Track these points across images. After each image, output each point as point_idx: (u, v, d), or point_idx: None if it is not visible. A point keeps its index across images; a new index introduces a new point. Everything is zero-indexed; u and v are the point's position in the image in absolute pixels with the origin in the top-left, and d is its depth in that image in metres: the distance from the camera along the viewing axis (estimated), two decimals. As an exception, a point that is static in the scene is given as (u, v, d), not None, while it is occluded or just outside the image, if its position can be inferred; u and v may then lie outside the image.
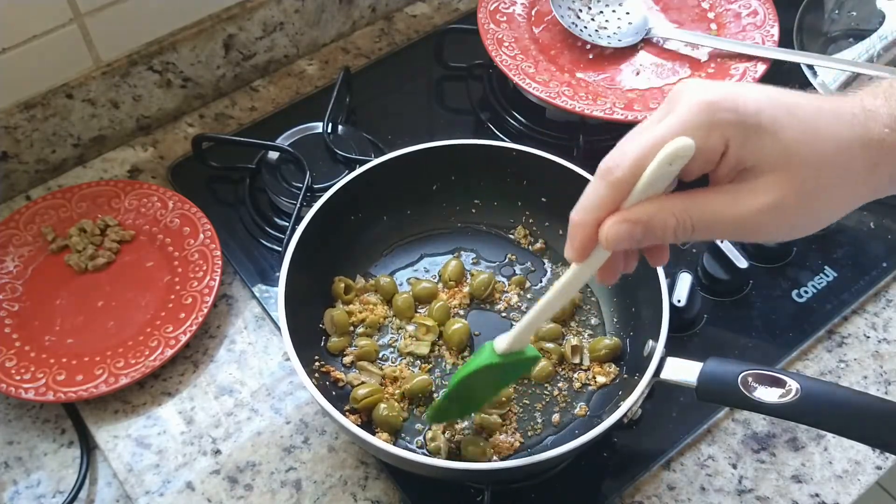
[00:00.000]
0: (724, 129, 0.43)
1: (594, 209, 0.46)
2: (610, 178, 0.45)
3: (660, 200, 0.45)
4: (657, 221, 0.45)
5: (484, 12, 0.91)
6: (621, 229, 0.45)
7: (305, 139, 0.86)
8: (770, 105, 0.44)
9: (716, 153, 0.44)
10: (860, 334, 0.77)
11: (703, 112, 0.43)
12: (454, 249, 0.79)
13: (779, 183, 0.44)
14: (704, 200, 0.45)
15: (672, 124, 0.44)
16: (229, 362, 0.75)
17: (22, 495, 0.69)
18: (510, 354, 0.58)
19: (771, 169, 0.44)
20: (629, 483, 0.68)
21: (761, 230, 0.46)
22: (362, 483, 0.68)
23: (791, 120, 0.44)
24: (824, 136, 0.44)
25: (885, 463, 0.69)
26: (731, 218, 0.45)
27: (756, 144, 0.43)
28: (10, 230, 0.81)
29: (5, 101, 0.81)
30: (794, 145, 0.44)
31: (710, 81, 0.46)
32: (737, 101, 0.43)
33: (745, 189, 0.45)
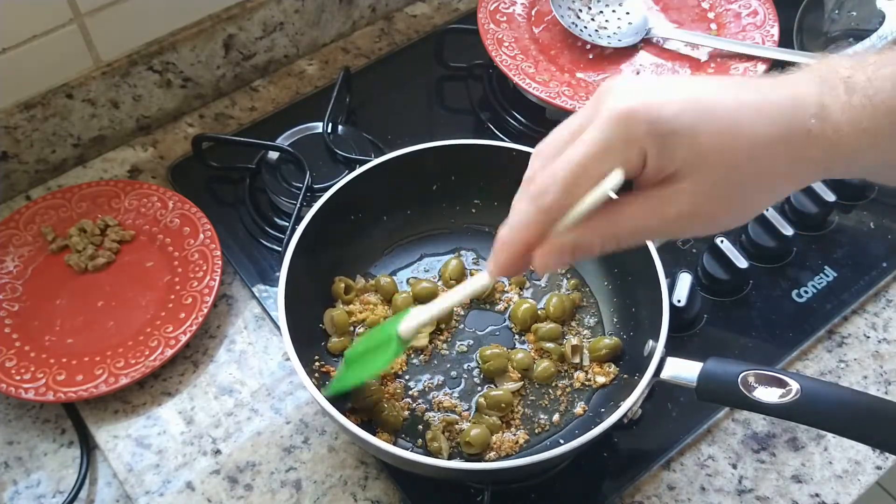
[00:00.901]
0: (642, 142, 0.43)
1: (523, 230, 0.47)
2: (540, 202, 0.46)
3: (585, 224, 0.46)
4: (584, 245, 0.47)
5: (484, 12, 0.91)
6: (551, 259, 0.47)
7: (305, 139, 0.86)
8: (689, 108, 0.44)
9: (636, 166, 0.44)
10: (860, 334, 0.77)
11: (621, 126, 0.43)
12: (454, 249, 0.79)
13: (694, 187, 0.44)
14: (627, 214, 0.46)
15: (594, 142, 0.44)
16: (229, 362, 0.75)
17: (22, 495, 0.69)
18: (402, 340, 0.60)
19: (688, 173, 0.44)
20: (629, 483, 0.68)
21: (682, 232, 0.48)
22: (362, 483, 0.68)
23: (708, 123, 0.44)
24: (740, 135, 0.44)
25: (885, 463, 0.69)
26: (653, 226, 0.46)
27: (672, 151, 0.44)
28: (10, 230, 0.81)
29: (5, 101, 0.81)
30: (709, 148, 0.44)
31: (634, 82, 0.46)
32: (652, 109, 0.43)
33: (664, 195, 0.45)
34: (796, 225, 0.80)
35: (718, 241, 0.77)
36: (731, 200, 0.45)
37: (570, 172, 0.45)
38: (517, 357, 0.71)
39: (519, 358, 0.71)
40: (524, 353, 0.71)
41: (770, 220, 0.78)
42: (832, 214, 0.83)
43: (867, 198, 0.84)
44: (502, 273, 0.50)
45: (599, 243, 0.47)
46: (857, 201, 0.84)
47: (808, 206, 0.81)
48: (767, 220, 0.79)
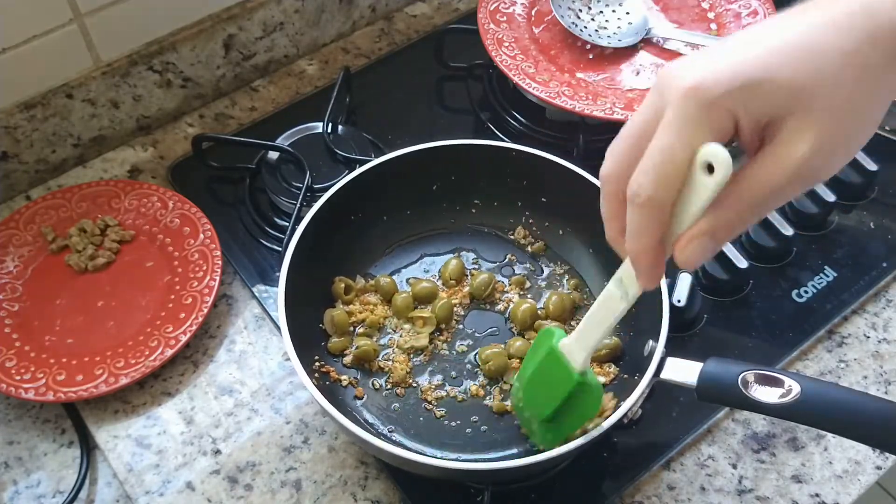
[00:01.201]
0: (723, 105, 0.41)
1: (641, 237, 0.45)
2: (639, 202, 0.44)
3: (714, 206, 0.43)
4: (722, 226, 0.44)
5: (484, 12, 0.91)
6: (694, 252, 0.44)
7: (305, 139, 0.86)
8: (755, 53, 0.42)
9: (727, 131, 0.42)
10: (860, 334, 0.77)
11: (695, 99, 0.42)
12: (454, 249, 0.79)
13: (804, 122, 0.42)
14: (751, 179, 0.43)
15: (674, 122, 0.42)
16: (229, 362, 0.75)
17: (22, 495, 0.69)
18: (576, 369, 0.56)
19: (789, 112, 0.42)
20: (629, 483, 0.68)
21: (817, 173, 0.44)
22: (362, 483, 0.68)
23: (779, 57, 0.42)
24: (820, 55, 0.42)
25: (885, 463, 0.69)
26: (787, 178, 0.43)
27: (759, 100, 0.42)
28: (10, 230, 0.81)
29: (5, 101, 0.81)
30: (795, 78, 0.41)
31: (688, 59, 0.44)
32: (720, 71, 0.42)
33: (779, 144, 0.42)
34: (796, 225, 0.80)
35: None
36: (845, 119, 0.42)
37: (660, 161, 0.43)
38: (515, 345, 0.71)
39: (517, 346, 0.71)
40: (522, 341, 0.72)
41: (770, 220, 0.78)
42: (832, 214, 0.83)
43: (867, 198, 0.84)
44: (655, 281, 0.47)
45: (739, 219, 0.43)
46: (857, 201, 0.84)
47: (808, 206, 0.81)
48: (767, 220, 0.79)
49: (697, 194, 0.42)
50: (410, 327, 0.73)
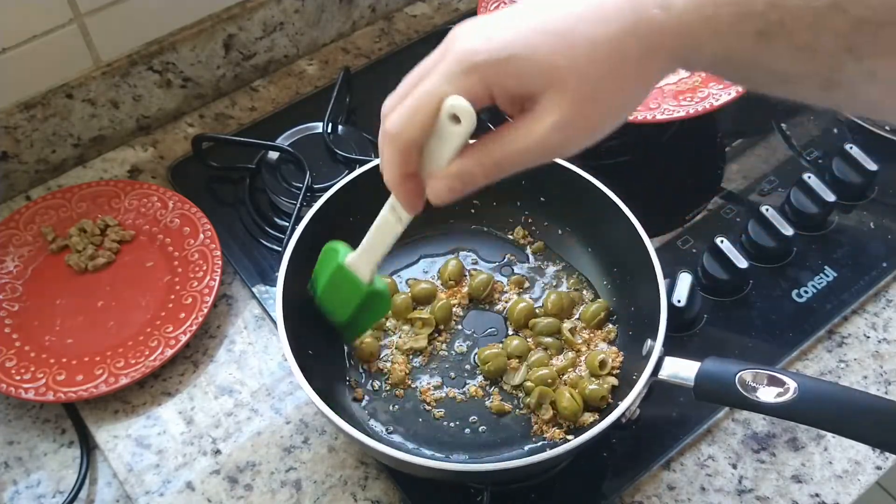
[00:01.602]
0: (482, 71, 0.45)
1: (392, 168, 0.50)
2: (398, 143, 0.48)
3: (464, 154, 0.48)
4: (466, 174, 0.49)
5: (484, 12, 0.91)
6: (440, 192, 0.50)
7: (305, 139, 0.86)
8: (522, 30, 0.45)
9: (483, 97, 0.46)
10: (860, 334, 0.77)
11: (462, 61, 0.46)
12: (453, 250, 0.79)
13: (553, 100, 0.45)
14: (501, 140, 0.48)
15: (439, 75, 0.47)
16: (229, 362, 0.75)
17: (22, 495, 0.69)
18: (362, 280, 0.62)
19: (542, 89, 0.45)
20: (629, 483, 0.68)
21: (562, 147, 0.47)
22: (362, 483, 0.68)
23: (544, 37, 0.44)
24: (581, 39, 0.44)
25: (885, 463, 0.69)
26: (528, 147, 0.47)
27: (516, 74, 0.45)
28: (10, 230, 0.81)
29: (5, 101, 0.81)
30: (552, 59, 0.44)
31: (473, 22, 0.48)
32: (490, 41, 0.45)
33: (530, 116, 0.46)
34: (796, 225, 0.80)
35: (718, 241, 0.77)
36: (591, 100, 0.45)
37: (412, 105, 0.47)
38: (512, 343, 0.71)
39: (514, 345, 0.71)
40: (519, 339, 0.72)
41: (770, 220, 0.78)
42: (832, 214, 0.82)
43: (867, 198, 0.84)
44: (411, 209, 0.55)
45: (482, 171, 0.48)
46: (857, 201, 0.84)
47: (808, 206, 0.81)
48: (767, 220, 0.79)
49: (448, 141, 0.47)
50: (409, 328, 0.73)
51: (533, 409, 0.68)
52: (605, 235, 0.74)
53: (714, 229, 0.81)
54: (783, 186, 0.85)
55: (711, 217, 0.83)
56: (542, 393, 0.67)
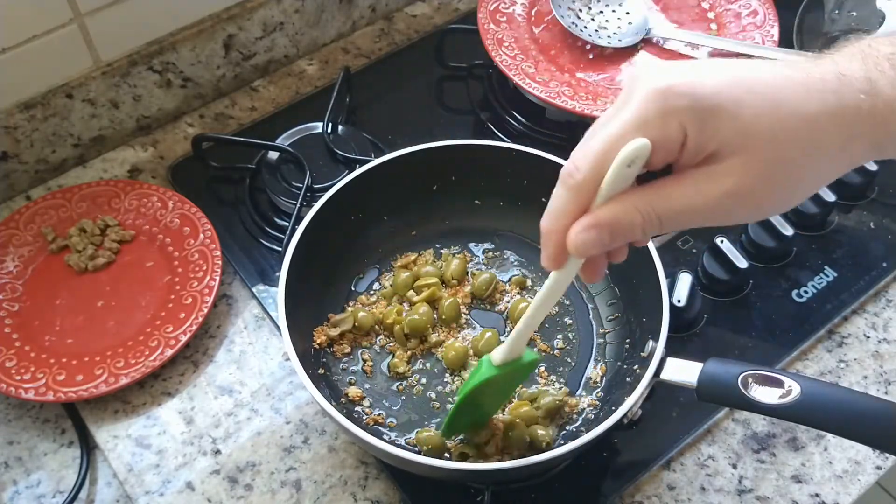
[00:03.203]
0: (680, 117, 0.42)
1: (561, 216, 0.45)
2: (571, 182, 0.44)
3: (623, 199, 0.44)
4: (624, 223, 0.44)
5: (484, 12, 0.91)
6: (588, 237, 0.44)
7: (305, 139, 0.86)
8: (729, 84, 0.42)
9: (675, 143, 0.43)
10: (860, 334, 0.77)
11: (657, 101, 0.42)
12: (454, 251, 0.79)
13: (740, 165, 0.42)
14: (668, 192, 0.44)
15: (628, 119, 0.43)
16: (229, 362, 0.75)
17: (22, 495, 0.69)
18: (507, 364, 0.59)
19: (732, 152, 0.42)
20: (629, 483, 0.68)
21: (728, 216, 0.44)
22: (362, 483, 0.68)
23: (752, 98, 0.42)
24: (788, 111, 0.42)
25: (885, 463, 0.69)
26: (696, 207, 0.44)
27: (714, 128, 0.42)
28: (10, 230, 0.81)
29: (5, 101, 0.81)
30: (754, 124, 0.42)
31: (667, 64, 0.45)
32: (693, 84, 0.42)
33: (707, 175, 0.43)
34: (796, 225, 0.80)
35: (718, 241, 0.77)
36: (778, 179, 0.43)
37: (601, 147, 0.43)
38: (485, 336, 0.71)
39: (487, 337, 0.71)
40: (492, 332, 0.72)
41: (770, 220, 0.78)
42: (832, 214, 0.83)
43: (867, 198, 0.85)
44: (556, 265, 0.48)
45: (640, 222, 0.44)
46: (857, 201, 0.84)
47: (808, 206, 0.81)
48: (767, 220, 0.79)
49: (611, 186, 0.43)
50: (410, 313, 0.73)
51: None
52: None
53: (714, 229, 0.80)
54: (783, 186, 0.85)
55: (711, 217, 0.83)
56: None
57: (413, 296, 0.74)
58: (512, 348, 0.59)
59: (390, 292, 0.75)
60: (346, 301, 0.75)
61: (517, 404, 0.68)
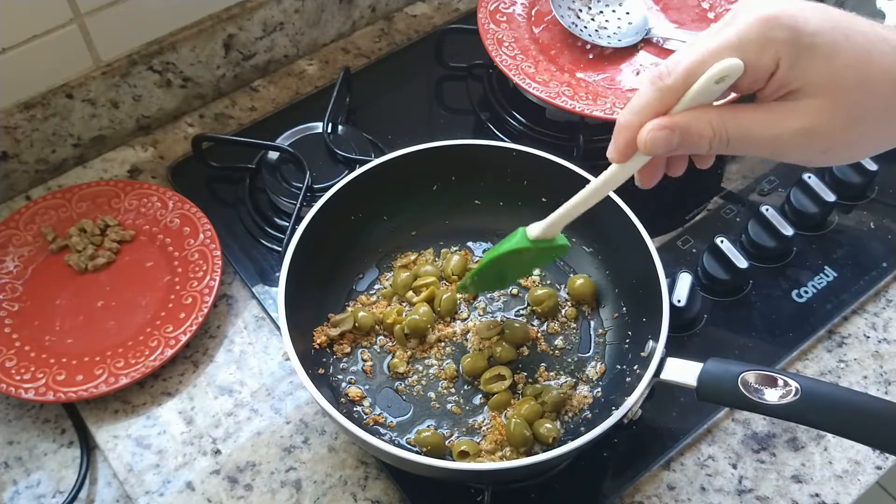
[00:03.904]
0: (778, 47, 0.43)
1: (640, 112, 0.47)
2: (659, 83, 0.46)
3: (700, 110, 0.46)
4: (694, 130, 0.46)
5: (484, 12, 0.91)
6: (659, 136, 0.46)
7: (305, 139, 0.86)
8: (830, 27, 0.44)
9: (766, 71, 0.44)
10: (860, 334, 0.77)
11: (760, 27, 0.43)
12: (454, 251, 0.79)
13: (821, 107, 0.44)
14: (744, 115, 0.45)
15: (728, 37, 0.44)
16: (229, 362, 0.75)
17: (22, 495, 0.69)
18: (540, 241, 0.61)
19: (816, 92, 0.44)
20: (629, 483, 0.68)
21: (795, 152, 0.46)
22: (362, 483, 0.68)
23: (847, 45, 0.43)
24: (877, 66, 0.44)
25: (885, 463, 0.69)
26: (767, 136, 0.45)
27: (806, 66, 0.43)
28: (10, 230, 0.81)
29: (5, 101, 0.81)
30: (844, 71, 0.43)
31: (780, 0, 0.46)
32: (797, 18, 0.43)
33: (786, 109, 0.45)
34: (796, 225, 0.80)
35: (718, 241, 0.77)
36: (852, 128, 0.45)
37: (697, 57, 0.45)
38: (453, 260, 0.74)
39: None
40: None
41: (770, 220, 0.78)
42: (832, 214, 0.83)
43: (867, 198, 0.85)
44: (622, 157, 0.49)
45: (710, 135, 0.45)
46: (857, 201, 0.84)
47: (808, 206, 0.81)
48: (767, 220, 0.79)
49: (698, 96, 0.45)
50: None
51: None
52: (606, 236, 0.74)
53: (714, 229, 0.81)
54: (783, 186, 0.85)
55: (711, 217, 0.83)
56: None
57: (413, 296, 0.74)
58: (550, 227, 0.60)
59: (390, 292, 0.75)
60: (346, 301, 0.75)
61: (522, 401, 0.68)
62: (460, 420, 0.69)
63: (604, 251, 0.76)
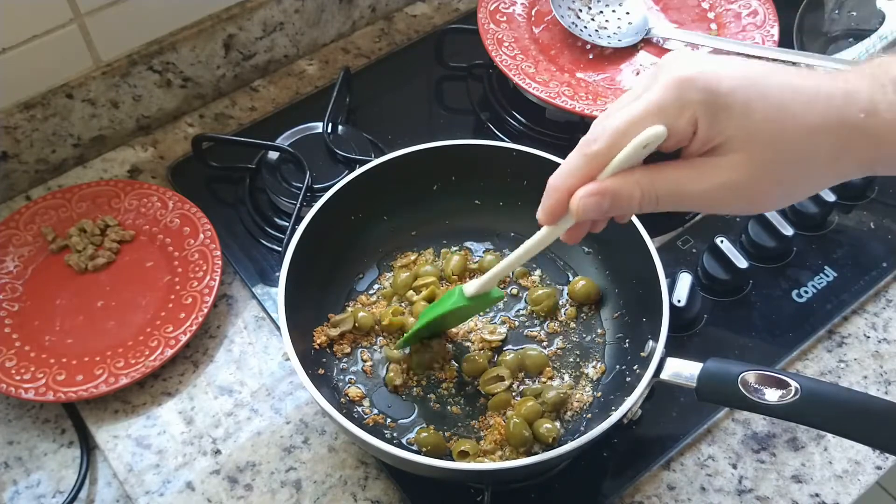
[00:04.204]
0: (695, 109, 0.45)
1: (569, 176, 0.49)
2: (587, 150, 0.48)
3: (627, 173, 0.48)
4: (624, 194, 0.48)
5: (484, 12, 0.91)
6: (590, 202, 0.48)
7: (305, 139, 0.86)
8: (745, 85, 0.45)
9: (687, 132, 0.46)
10: (860, 334, 0.77)
11: (677, 90, 0.45)
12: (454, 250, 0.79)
13: (741, 162, 0.46)
14: (670, 174, 0.48)
15: (649, 102, 0.46)
16: (229, 362, 0.75)
17: (22, 495, 0.69)
18: (476, 297, 0.65)
19: (736, 148, 0.46)
20: (629, 483, 0.68)
21: (722, 205, 0.48)
22: (362, 483, 0.68)
23: (762, 102, 0.45)
24: (792, 120, 0.45)
25: (885, 463, 0.69)
26: (694, 192, 0.47)
27: (724, 124, 0.45)
28: (10, 230, 0.81)
29: (5, 101, 0.81)
30: (760, 127, 0.45)
31: (695, 55, 0.48)
32: (710, 79, 0.45)
33: (710, 164, 0.47)
34: (796, 225, 0.80)
35: (718, 241, 0.77)
36: (773, 180, 0.47)
37: (621, 124, 0.47)
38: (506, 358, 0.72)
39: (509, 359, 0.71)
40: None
41: (770, 220, 0.78)
42: (832, 214, 0.83)
43: (867, 198, 0.84)
44: (550, 220, 0.52)
45: (639, 196, 0.47)
46: (857, 201, 0.84)
47: (808, 206, 0.81)
48: (767, 220, 0.79)
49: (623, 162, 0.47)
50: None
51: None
52: (606, 236, 0.74)
53: (714, 229, 0.81)
54: (783, 186, 0.85)
55: (711, 217, 0.83)
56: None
57: (413, 296, 0.74)
58: (485, 284, 0.64)
59: (390, 292, 0.75)
60: (346, 301, 0.75)
61: (522, 401, 0.68)
62: (460, 420, 0.69)
63: (604, 251, 0.76)
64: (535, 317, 0.74)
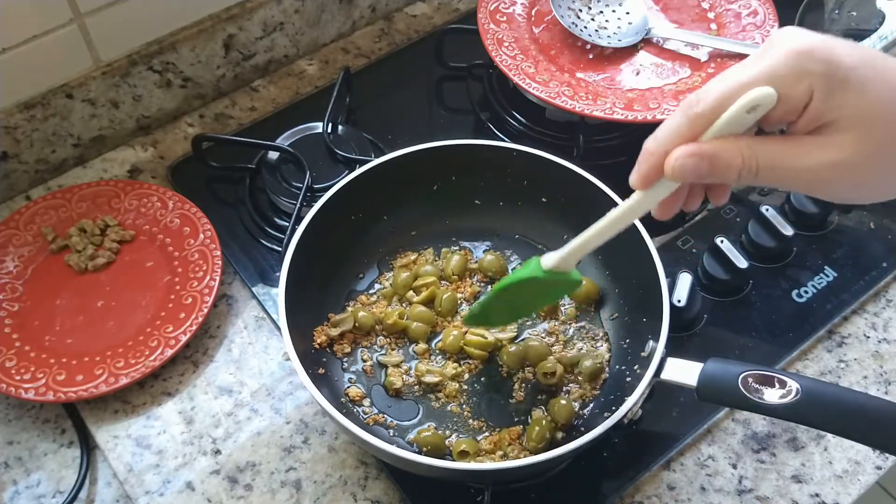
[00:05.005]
0: (813, 80, 0.43)
1: (668, 139, 0.46)
2: (689, 112, 0.45)
3: (731, 139, 0.45)
4: (724, 158, 0.45)
5: (484, 12, 0.91)
6: (688, 163, 0.45)
7: (305, 139, 0.86)
8: (864, 63, 0.44)
9: (800, 103, 0.44)
10: (860, 334, 0.77)
11: (795, 59, 0.43)
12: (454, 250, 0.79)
13: (852, 141, 0.44)
14: (775, 146, 0.45)
15: (761, 68, 0.44)
16: (229, 362, 0.75)
17: (22, 495, 0.69)
18: (554, 273, 0.59)
19: (849, 127, 0.44)
20: (629, 483, 0.68)
21: (825, 186, 0.45)
22: (362, 483, 0.68)
23: (880, 83, 0.43)
24: None
25: (885, 463, 0.69)
26: (798, 168, 0.45)
27: (840, 100, 0.43)
28: (10, 230, 0.81)
29: (5, 101, 0.81)
30: (876, 106, 0.43)
31: (809, 32, 0.45)
32: (831, 52, 0.43)
33: (818, 142, 0.44)
34: (796, 225, 0.80)
35: (718, 242, 0.77)
36: (885, 162, 0.44)
37: (728, 87, 0.44)
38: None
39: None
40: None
41: (770, 220, 0.78)
42: (832, 214, 0.83)
43: (867, 198, 0.84)
44: (644, 184, 0.48)
45: (738, 164, 0.45)
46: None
47: (808, 206, 0.81)
48: (767, 220, 0.79)
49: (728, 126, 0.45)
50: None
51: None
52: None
53: (714, 229, 0.81)
54: (783, 186, 0.85)
55: (711, 217, 0.83)
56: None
57: (413, 296, 0.74)
58: (566, 257, 0.58)
59: (390, 292, 0.75)
60: (346, 301, 0.75)
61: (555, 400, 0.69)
62: (460, 420, 0.69)
63: (604, 251, 0.75)
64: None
